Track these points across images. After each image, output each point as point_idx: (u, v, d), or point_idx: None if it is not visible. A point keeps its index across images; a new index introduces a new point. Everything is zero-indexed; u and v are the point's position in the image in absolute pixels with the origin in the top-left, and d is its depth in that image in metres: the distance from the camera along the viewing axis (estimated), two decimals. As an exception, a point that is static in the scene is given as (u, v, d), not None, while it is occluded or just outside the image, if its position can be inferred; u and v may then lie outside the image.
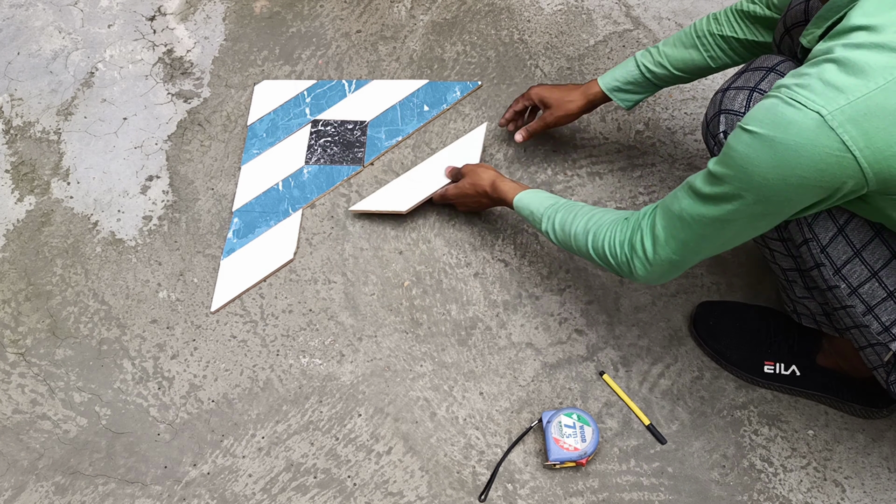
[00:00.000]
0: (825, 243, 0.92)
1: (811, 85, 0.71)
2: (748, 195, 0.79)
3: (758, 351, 1.20)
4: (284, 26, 1.72)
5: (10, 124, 1.62)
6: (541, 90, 1.37)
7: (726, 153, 0.79)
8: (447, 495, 1.16)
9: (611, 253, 0.99)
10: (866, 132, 0.69)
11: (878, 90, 0.68)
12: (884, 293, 0.91)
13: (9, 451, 1.24)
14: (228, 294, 1.36)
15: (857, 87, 0.69)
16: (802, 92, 0.71)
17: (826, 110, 0.69)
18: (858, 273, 0.92)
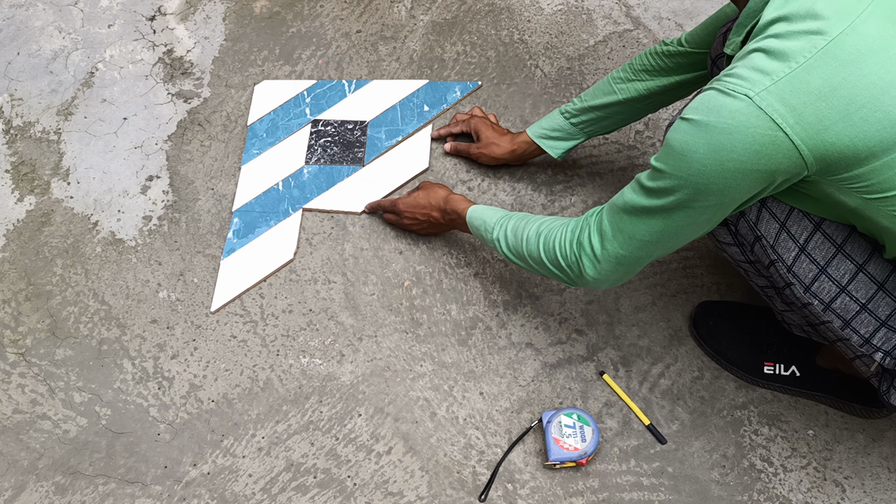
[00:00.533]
0: (790, 263, 0.93)
1: (739, 73, 0.74)
2: (689, 184, 0.80)
3: (758, 351, 1.20)
4: (284, 26, 1.72)
5: (10, 124, 1.62)
6: (481, 123, 1.43)
7: (666, 144, 0.81)
8: (447, 495, 1.16)
9: (561, 254, 0.99)
10: (794, 109, 0.71)
11: (799, 68, 0.71)
12: (857, 306, 0.92)
13: (9, 450, 1.24)
14: (228, 294, 1.36)
15: (781, 69, 0.71)
16: (731, 80, 0.74)
17: (753, 91, 0.72)
18: (827, 289, 0.93)
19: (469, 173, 1.47)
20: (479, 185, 1.45)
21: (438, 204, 1.28)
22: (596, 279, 0.97)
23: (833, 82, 0.70)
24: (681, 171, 0.79)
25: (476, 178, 1.47)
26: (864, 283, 0.91)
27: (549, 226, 1.03)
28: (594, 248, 0.94)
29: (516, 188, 1.44)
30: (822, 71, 0.70)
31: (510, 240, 1.10)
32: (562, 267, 1.00)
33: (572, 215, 1.40)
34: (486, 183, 1.46)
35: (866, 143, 0.72)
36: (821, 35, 0.70)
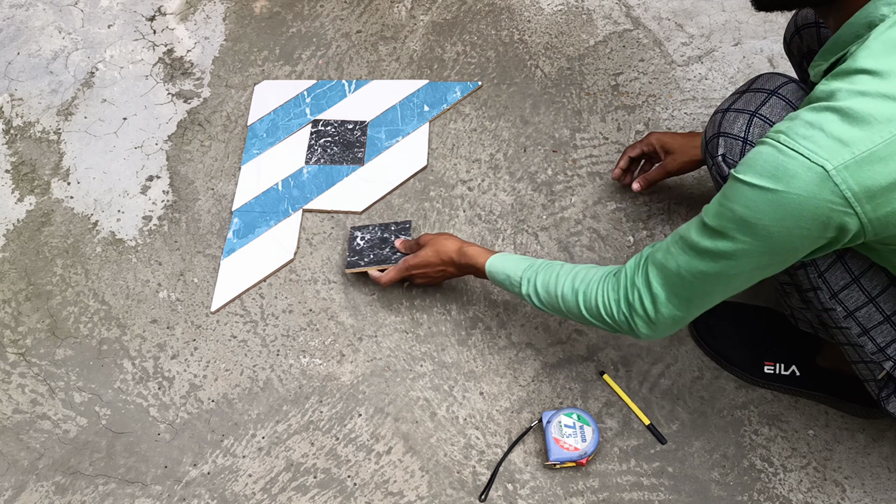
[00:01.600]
0: (823, 269, 0.91)
1: (813, 135, 0.68)
2: (751, 248, 0.76)
3: (758, 351, 1.20)
4: (284, 26, 1.72)
5: (11, 124, 1.62)
6: (661, 136, 1.29)
7: (724, 205, 0.76)
8: (447, 495, 1.16)
9: (607, 313, 0.95)
10: (869, 192, 0.67)
11: (882, 144, 0.66)
12: (881, 317, 0.91)
13: (9, 450, 1.24)
14: (228, 294, 1.36)
15: (862, 140, 0.66)
16: (804, 143, 0.68)
17: (830, 164, 0.66)
18: (856, 298, 0.91)
19: (469, 173, 1.47)
20: (479, 185, 1.45)
21: (451, 258, 1.20)
22: (650, 335, 0.94)
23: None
24: (745, 235, 0.75)
25: (476, 178, 1.47)
26: (894, 295, 0.90)
27: (583, 279, 0.99)
28: (647, 311, 0.90)
29: (516, 188, 1.44)
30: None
31: (543, 298, 1.05)
32: (608, 323, 0.96)
33: (573, 215, 1.40)
34: (486, 183, 1.46)
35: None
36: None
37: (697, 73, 1.56)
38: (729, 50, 1.59)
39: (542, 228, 1.40)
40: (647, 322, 0.91)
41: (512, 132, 1.52)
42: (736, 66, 1.57)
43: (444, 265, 1.21)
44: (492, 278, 1.14)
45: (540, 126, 1.52)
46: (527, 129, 1.52)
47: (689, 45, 1.61)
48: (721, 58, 1.58)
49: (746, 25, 1.63)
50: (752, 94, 0.95)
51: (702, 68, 1.57)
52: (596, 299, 0.96)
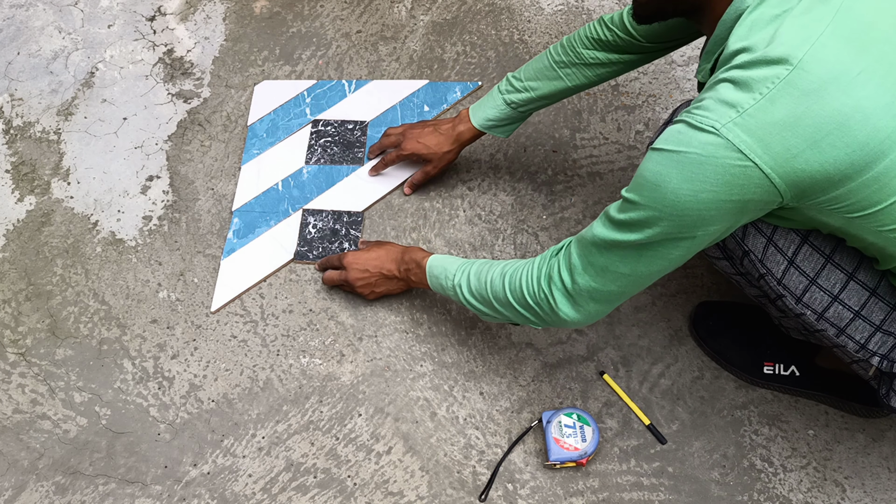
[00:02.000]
0: (779, 276, 0.93)
1: (706, 104, 0.74)
2: (662, 215, 0.78)
3: (757, 351, 1.20)
4: (284, 26, 1.72)
5: (11, 124, 1.62)
6: (415, 146, 1.38)
7: (639, 175, 0.80)
8: (447, 495, 1.16)
9: (528, 292, 0.96)
10: (761, 139, 0.71)
11: (763, 99, 0.71)
12: (850, 314, 0.92)
13: (9, 450, 1.24)
14: (228, 294, 1.36)
15: (745, 100, 0.71)
16: (699, 112, 0.74)
17: (720, 123, 0.72)
18: (819, 299, 0.92)
19: (469, 173, 1.47)
20: (479, 185, 1.46)
21: (394, 256, 1.24)
22: (570, 315, 0.94)
23: (797, 111, 0.70)
24: (654, 201, 0.78)
25: (476, 177, 1.47)
26: (856, 290, 0.91)
27: (514, 265, 1.01)
28: (564, 283, 0.92)
29: (517, 188, 1.44)
30: (785, 101, 0.71)
31: (472, 284, 1.06)
32: (530, 306, 0.97)
33: (573, 215, 1.40)
34: (486, 183, 1.46)
35: (837, 167, 0.72)
36: (782, 64, 0.71)
37: (697, 74, 1.56)
38: (729, 50, 1.59)
39: (542, 228, 1.40)
40: (566, 295, 0.93)
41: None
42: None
43: (384, 260, 1.25)
44: (429, 272, 1.16)
45: (540, 126, 1.52)
46: (527, 129, 1.52)
47: (689, 45, 1.61)
48: (721, 58, 1.58)
49: (746, 25, 1.63)
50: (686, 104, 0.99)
51: (702, 68, 1.57)
52: (520, 279, 0.98)
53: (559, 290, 0.93)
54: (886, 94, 0.71)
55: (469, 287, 1.07)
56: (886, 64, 0.72)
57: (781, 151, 0.71)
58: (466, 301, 1.08)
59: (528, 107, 1.28)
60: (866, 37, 0.72)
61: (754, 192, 0.74)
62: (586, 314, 0.94)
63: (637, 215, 0.81)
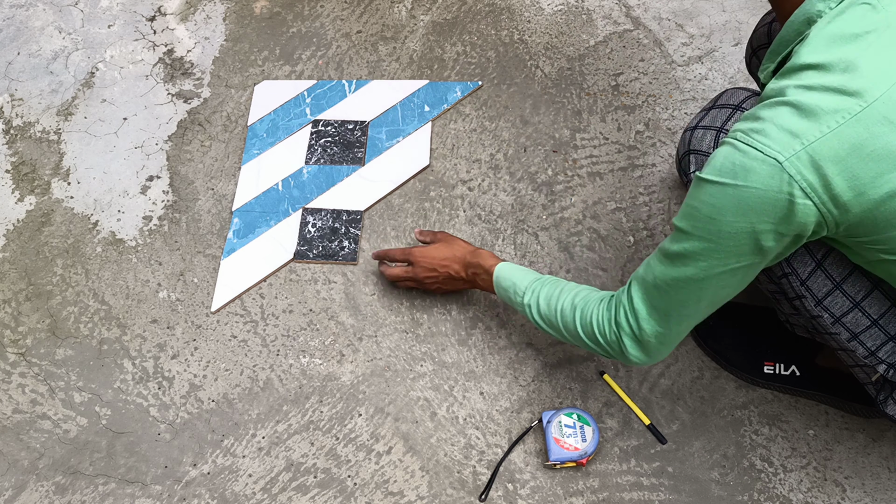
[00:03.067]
0: (804, 277, 0.92)
1: (766, 130, 0.71)
2: (717, 247, 0.77)
3: (758, 351, 1.20)
4: (285, 26, 1.72)
5: (11, 124, 1.62)
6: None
7: (690, 205, 0.78)
8: (447, 495, 1.16)
9: (600, 332, 0.96)
10: (823, 176, 0.69)
11: (831, 134, 0.68)
12: (868, 321, 0.91)
13: (9, 450, 1.24)
14: (229, 294, 1.36)
15: (811, 132, 0.68)
16: (758, 137, 0.71)
17: (782, 156, 0.69)
18: (840, 304, 0.92)
19: (469, 173, 1.47)
20: (479, 185, 1.46)
21: (463, 256, 1.20)
22: (639, 358, 0.94)
23: (863, 152, 0.68)
24: (709, 233, 0.76)
25: (476, 178, 1.47)
26: (879, 299, 0.90)
27: (584, 297, 1.00)
28: (632, 329, 0.92)
29: (517, 188, 1.44)
30: (853, 136, 0.67)
31: (542, 308, 1.06)
32: (601, 344, 0.97)
33: (573, 215, 1.40)
34: (486, 183, 1.46)
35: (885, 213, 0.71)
36: (856, 98, 0.67)
37: (698, 74, 1.56)
38: (729, 50, 1.59)
39: (542, 228, 1.40)
40: (635, 340, 0.93)
41: (512, 132, 1.52)
42: (736, 67, 1.57)
43: (452, 261, 1.21)
44: (497, 285, 1.14)
45: (540, 126, 1.52)
46: (527, 129, 1.52)
47: (689, 46, 1.61)
48: (721, 58, 1.58)
49: (747, 25, 1.63)
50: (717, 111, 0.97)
51: (702, 68, 1.57)
52: (591, 318, 0.97)
53: (627, 336, 0.93)
54: None
55: (539, 311, 1.06)
56: None
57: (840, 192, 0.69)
58: (535, 322, 1.08)
59: None
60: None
61: (809, 225, 0.73)
62: (655, 355, 0.94)
63: (691, 246, 0.79)
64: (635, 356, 0.94)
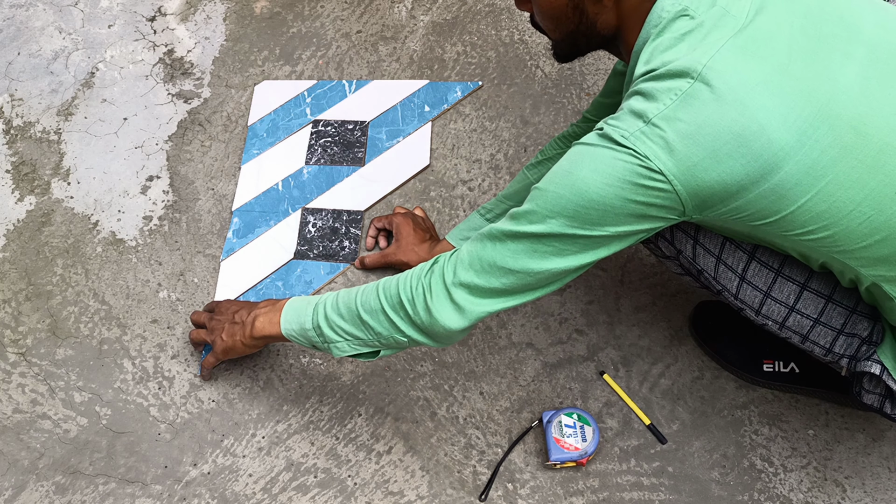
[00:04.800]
0: (735, 292, 0.95)
1: (620, 115, 0.78)
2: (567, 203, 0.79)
3: (757, 349, 1.20)
4: (285, 27, 1.72)
5: (11, 124, 1.62)
6: (404, 223, 1.32)
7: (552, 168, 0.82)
8: (447, 495, 1.16)
9: (403, 287, 0.90)
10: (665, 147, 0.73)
11: (667, 109, 0.73)
12: (810, 322, 0.93)
13: (9, 450, 1.24)
14: (229, 294, 1.36)
15: (651, 109, 0.74)
16: (613, 122, 0.77)
17: (629, 132, 0.75)
18: (777, 311, 0.94)
19: (469, 173, 1.47)
20: (479, 185, 1.46)
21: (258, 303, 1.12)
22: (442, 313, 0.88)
23: (698, 121, 0.72)
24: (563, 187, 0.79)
25: (476, 178, 1.47)
26: (812, 299, 0.92)
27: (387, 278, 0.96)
28: (445, 276, 0.87)
29: (516, 188, 1.45)
30: (687, 112, 0.73)
31: (341, 297, 0.98)
32: (403, 305, 0.90)
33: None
34: (486, 183, 1.46)
35: (735, 179, 0.74)
36: (683, 77, 0.73)
37: (697, 74, 1.56)
38: (729, 50, 1.59)
39: (543, 228, 1.40)
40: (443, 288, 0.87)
41: (512, 132, 1.52)
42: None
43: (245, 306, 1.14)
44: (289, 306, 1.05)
45: (540, 126, 1.52)
46: (527, 129, 1.52)
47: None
48: (721, 58, 1.58)
49: (746, 26, 1.63)
50: None
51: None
52: (396, 281, 0.92)
53: (438, 281, 0.88)
54: (782, 105, 0.72)
55: (335, 301, 0.98)
56: (784, 75, 0.73)
57: (683, 160, 0.74)
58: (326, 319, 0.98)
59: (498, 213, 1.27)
60: (766, 48, 0.74)
61: (657, 196, 0.76)
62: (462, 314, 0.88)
63: (539, 205, 0.81)
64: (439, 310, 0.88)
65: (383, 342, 0.97)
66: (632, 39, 0.85)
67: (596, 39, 0.90)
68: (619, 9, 0.85)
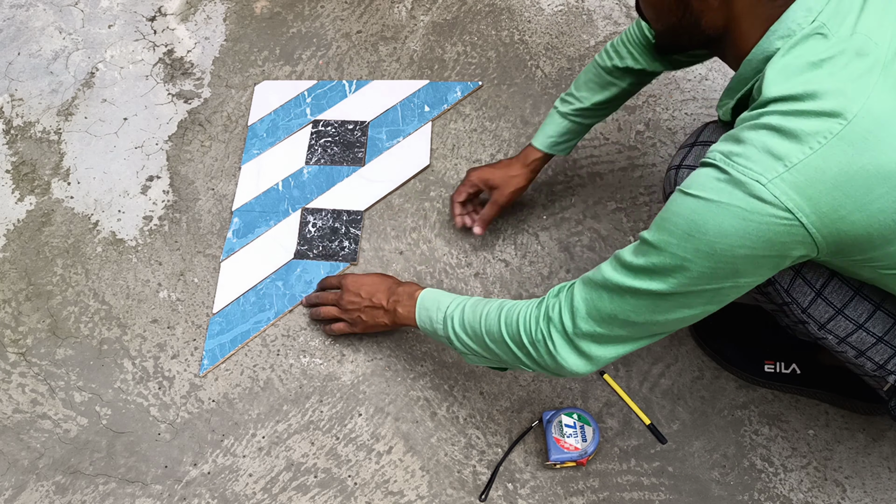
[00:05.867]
0: (805, 306, 0.90)
1: (746, 153, 0.69)
2: (691, 266, 0.73)
3: (758, 350, 1.20)
4: (285, 27, 1.72)
5: (11, 124, 1.62)
6: (481, 173, 1.31)
7: (667, 219, 0.74)
8: (447, 495, 1.16)
9: (525, 330, 0.89)
10: (810, 198, 0.67)
11: (814, 154, 0.66)
12: (873, 339, 0.90)
13: (9, 450, 1.24)
14: (229, 294, 1.36)
15: (794, 153, 0.66)
16: (740, 161, 0.69)
17: (765, 178, 0.67)
18: (844, 327, 0.90)
19: (469, 173, 1.47)
20: (479, 185, 1.46)
21: (389, 286, 1.17)
22: (568, 361, 0.86)
23: (850, 170, 0.66)
24: (685, 250, 0.72)
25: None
26: (882, 318, 0.89)
27: (513, 302, 0.94)
28: (565, 326, 0.85)
29: (517, 188, 1.44)
30: (838, 157, 0.66)
31: (466, 316, 0.98)
32: (525, 346, 0.89)
33: (573, 215, 1.40)
34: (486, 183, 1.46)
35: (881, 230, 0.69)
36: (835, 118, 0.66)
37: (698, 74, 1.56)
38: (729, 50, 1.59)
39: (543, 228, 1.40)
40: (566, 339, 0.86)
41: (512, 132, 1.52)
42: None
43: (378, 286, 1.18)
44: (420, 303, 1.09)
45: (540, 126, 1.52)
46: (527, 129, 1.52)
47: (689, 46, 1.61)
48: (721, 58, 1.58)
49: (746, 26, 1.63)
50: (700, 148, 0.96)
51: (702, 68, 1.57)
52: (517, 314, 0.91)
53: (559, 333, 0.86)
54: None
55: (462, 319, 0.99)
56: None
57: (829, 212, 0.67)
58: (455, 336, 1.00)
59: (586, 116, 1.23)
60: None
61: (794, 249, 0.70)
62: (588, 361, 0.86)
63: (660, 261, 0.75)
64: (564, 358, 0.86)
65: (510, 367, 0.98)
66: (744, 45, 0.77)
67: (699, 37, 0.83)
68: (729, 9, 0.77)
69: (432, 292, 1.09)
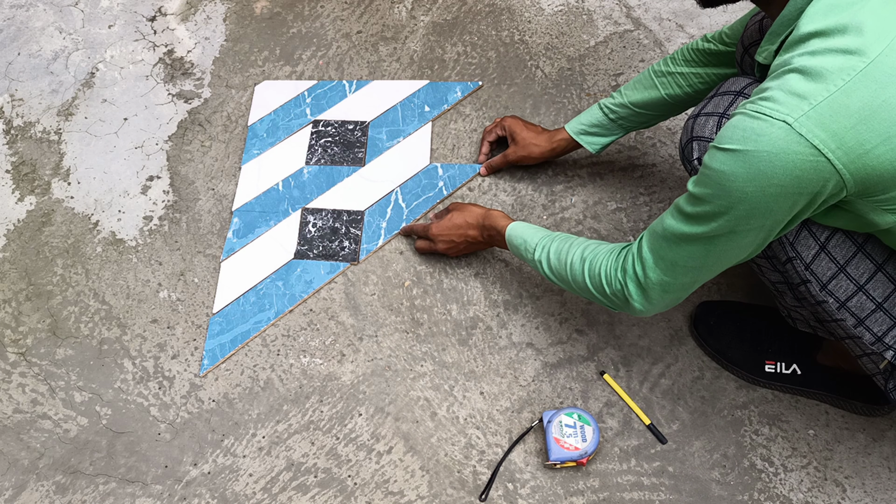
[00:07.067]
0: (808, 261, 0.93)
1: (774, 96, 0.72)
2: (730, 212, 0.78)
3: (758, 350, 1.20)
4: (285, 27, 1.72)
5: (11, 124, 1.62)
6: (514, 123, 1.41)
7: (703, 173, 0.80)
8: (448, 495, 1.16)
9: (606, 281, 0.99)
10: (835, 134, 0.69)
11: (838, 91, 0.69)
12: (872, 305, 0.92)
13: (9, 450, 1.24)
14: (229, 294, 1.36)
15: (819, 92, 0.69)
16: (766, 104, 0.72)
17: (792, 117, 0.70)
18: (845, 287, 0.92)
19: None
20: (479, 186, 1.46)
21: (477, 221, 1.26)
22: (643, 306, 0.96)
23: (874, 104, 0.69)
24: (721, 198, 0.78)
25: (476, 177, 1.47)
26: (882, 282, 0.91)
27: (593, 250, 1.02)
28: (638, 276, 0.94)
29: (517, 188, 1.45)
30: (862, 93, 0.69)
31: (553, 263, 1.09)
32: (607, 294, 0.99)
33: (572, 216, 1.40)
34: (486, 183, 1.46)
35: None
36: (859, 55, 0.69)
37: (697, 74, 1.56)
38: (729, 50, 1.59)
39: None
40: (638, 287, 0.94)
41: (512, 132, 1.52)
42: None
43: (468, 227, 1.27)
44: (510, 244, 1.19)
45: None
46: (527, 129, 1.52)
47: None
48: (721, 58, 1.58)
49: (746, 26, 1.63)
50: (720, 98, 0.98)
51: (702, 69, 1.57)
52: (599, 268, 1.00)
53: (633, 282, 0.95)
54: None
55: (549, 265, 1.10)
56: None
57: (854, 146, 0.70)
58: (547, 276, 1.11)
59: (620, 112, 1.27)
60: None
61: (823, 185, 0.73)
62: (658, 304, 0.96)
63: (704, 209, 0.81)
64: (638, 302, 0.96)
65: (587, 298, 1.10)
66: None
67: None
68: None
69: (517, 229, 1.18)
